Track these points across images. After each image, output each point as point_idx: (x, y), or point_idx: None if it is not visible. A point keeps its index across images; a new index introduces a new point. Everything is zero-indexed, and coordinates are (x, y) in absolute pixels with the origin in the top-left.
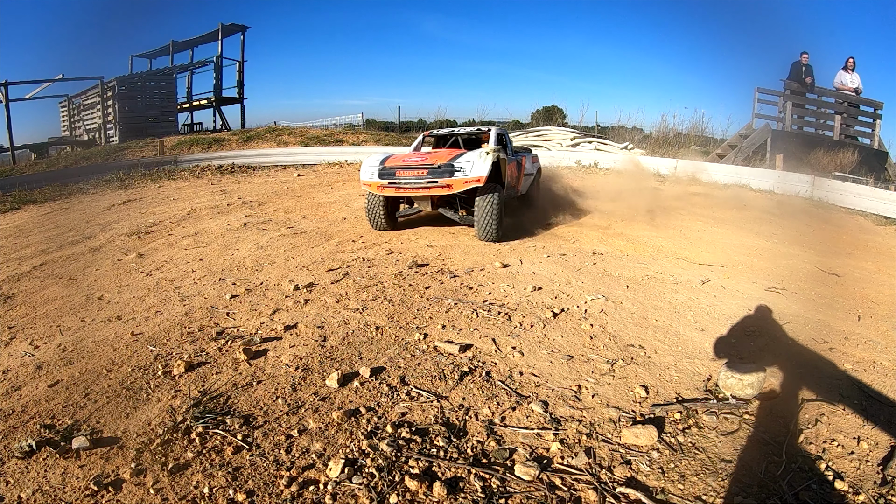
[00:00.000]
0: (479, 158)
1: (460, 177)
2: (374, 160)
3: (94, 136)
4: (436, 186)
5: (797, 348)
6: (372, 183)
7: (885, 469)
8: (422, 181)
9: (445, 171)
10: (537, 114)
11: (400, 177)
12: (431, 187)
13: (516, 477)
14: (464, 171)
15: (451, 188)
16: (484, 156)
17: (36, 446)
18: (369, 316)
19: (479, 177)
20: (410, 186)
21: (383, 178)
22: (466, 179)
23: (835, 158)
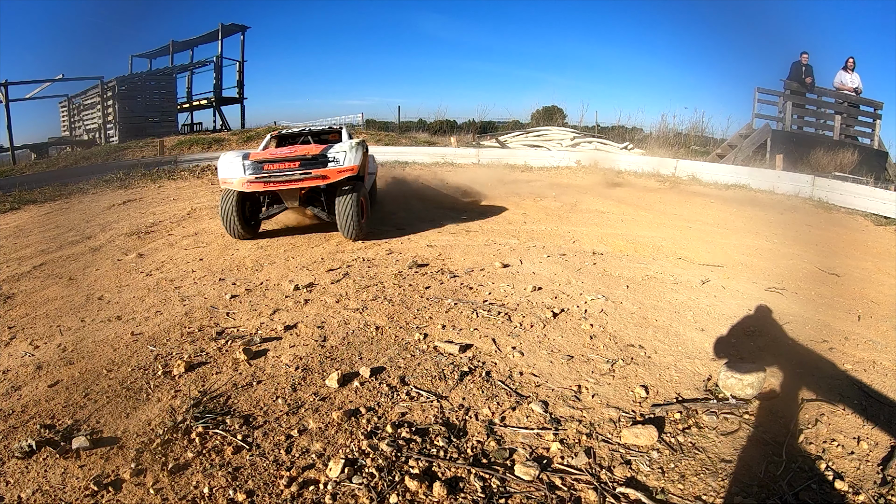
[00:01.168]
0: (350, 149)
1: (334, 167)
2: (234, 155)
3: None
4: (310, 178)
5: (797, 348)
6: (236, 179)
7: (885, 469)
8: (294, 173)
9: (319, 162)
10: (537, 114)
11: (270, 170)
12: (306, 179)
13: (516, 477)
14: (338, 161)
15: (327, 178)
16: (354, 146)
17: (36, 446)
18: (369, 316)
19: (353, 166)
20: (282, 180)
21: (250, 172)
22: (341, 169)
23: (835, 158)
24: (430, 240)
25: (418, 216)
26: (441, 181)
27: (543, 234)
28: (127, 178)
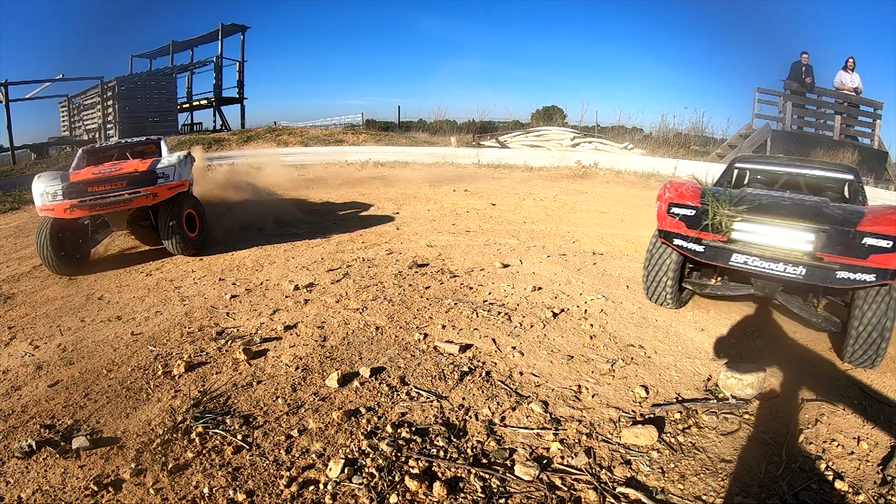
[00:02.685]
0: (178, 161)
1: (164, 183)
2: (49, 178)
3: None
4: (139, 198)
5: (797, 348)
6: (55, 206)
7: (885, 469)
8: (122, 194)
9: (148, 179)
10: (537, 114)
11: (94, 192)
12: (135, 199)
13: (516, 477)
14: (167, 176)
15: (157, 196)
16: (182, 159)
17: (36, 446)
18: (369, 316)
19: (183, 181)
20: (109, 202)
21: (71, 196)
22: (171, 185)
23: (835, 158)
24: (430, 240)
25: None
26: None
27: (543, 234)
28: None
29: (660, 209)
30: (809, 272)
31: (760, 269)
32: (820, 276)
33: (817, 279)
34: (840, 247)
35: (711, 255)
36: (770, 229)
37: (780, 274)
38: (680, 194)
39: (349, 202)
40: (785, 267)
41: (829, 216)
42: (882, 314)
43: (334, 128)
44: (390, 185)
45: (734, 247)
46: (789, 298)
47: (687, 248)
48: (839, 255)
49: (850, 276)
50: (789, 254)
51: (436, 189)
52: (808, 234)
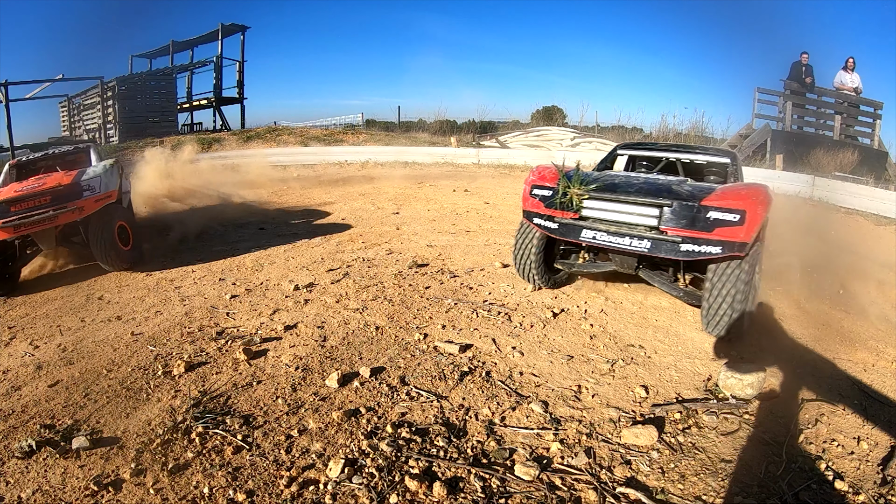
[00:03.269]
0: (104, 171)
1: (90, 196)
2: None
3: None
4: (66, 213)
5: (797, 348)
6: None
7: (885, 469)
8: (47, 211)
9: (74, 193)
10: (537, 114)
11: (17, 211)
12: (61, 215)
13: (516, 477)
14: (93, 188)
15: (84, 210)
16: (109, 168)
17: (36, 446)
18: (369, 316)
19: (110, 192)
20: (34, 221)
21: None
22: (98, 197)
23: (835, 158)
24: (430, 240)
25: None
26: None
27: None
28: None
29: (524, 191)
30: (654, 245)
31: (607, 243)
32: (664, 249)
33: (662, 252)
34: (684, 221)
35: (564, 232)
36: (617, 206)
37: (626, 247)
38: (541, 177)
39: (349, 202)
40: (631, 241)
41: (675, 193)
42: (731, 286)
43: (334, 128)
44: (390, 185)
45: (583, 223)
46: (651, 274)
47: (544, 225)
48: (683, 229)
49: (695, 248)
50: (634, 228)
51: (436, 189)
52: (653, 210)
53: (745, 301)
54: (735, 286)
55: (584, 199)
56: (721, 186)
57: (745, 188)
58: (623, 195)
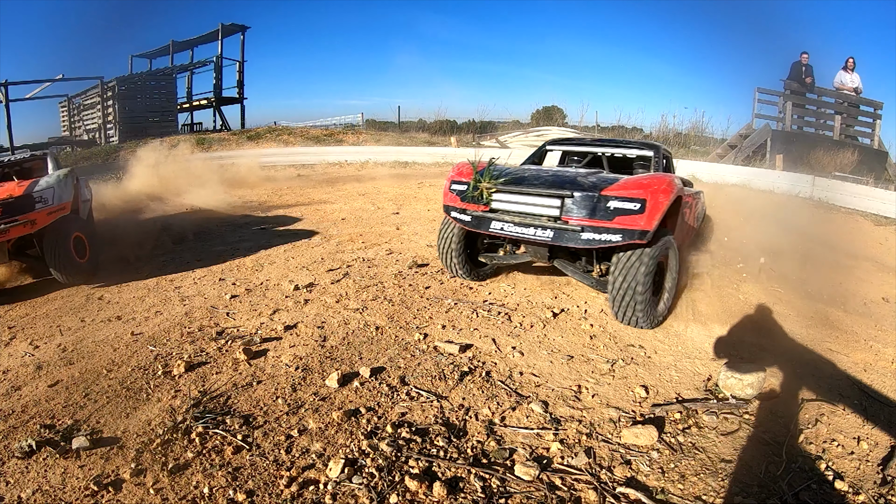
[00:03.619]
0: (57, 182)
1: (43, 208)
2: None
3: (94, 136)
4: (17, 226)
5: (797, 348)
6: None
7: (885, 469)
8: None
9: (25, 205)
10: (537, 114)
11: None
12: (12, 229)
13: (516, 477)
14: (46, 200)
15: (36, 223)
16: (63, 178)
17: (36, 446)
18: (369, 316)
19: (64, 204)
20: None
21: None
22: (51, 209)
23: (835, 158)
24: (431, 240)
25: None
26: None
27: None
28: (125, 178)
29: (445, 187)
30: (556, 235)
31: (514, 233)
32: (566, 238)
33: (563, 241)
34: (585, 210)
35: (476, 224)
36: (522, 198)
37: (531, 237)
38: (459, 172)
39: (349, 202)
40: (535, 231)
41: (578, 184)
42: (631, 275)
43: (334, 128)
44: (390, 184)
45: (493, 215)
46: (565, 263)
47: (460, 218)
48: (584, 218)
49: (596, 236)
50: (538, 219)
51: (436, 189)
52: (555, 201)
53: (649, 290)
54: (636, 275)
55: (493, 192)
56: (630, 177)
57: (649, 178)
58: (528, 188)
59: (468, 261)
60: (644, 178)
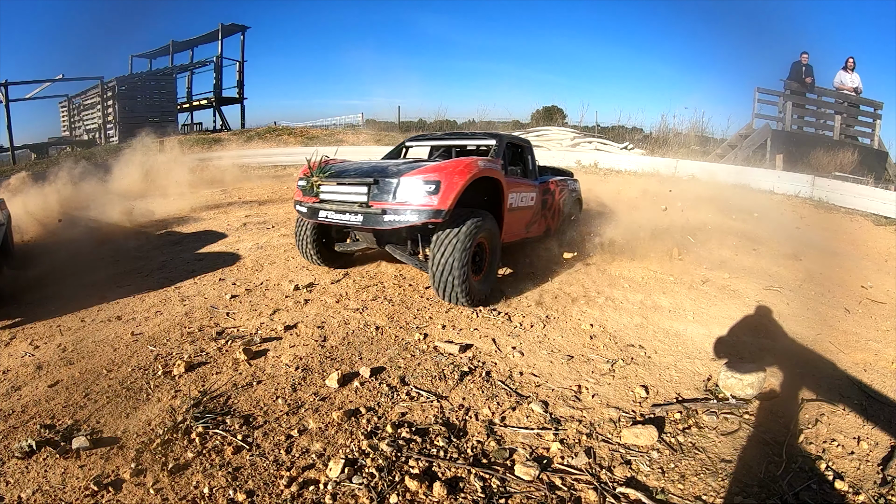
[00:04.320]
0: None
1: None
2: None
3: (94, 136)
4: None
5: (797, 348)
6: None
7: (885, 469)
8: None
9: None
10: (537, 114)
11: None
12: None
13: (516, 477)
14: None
15: None
16: None
17: (36, 446)
18: (369, 316)
19: None
20: None
21: None
22: None
23: (835, 158)
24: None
25: None
26: None
27: None
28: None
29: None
30: (365, 219)
31: (335, 220)
32: (372, 221)
33: (371, 224)
34: (387, 195)
35: (310, 214)
36: (340, 188)
37: (347, 222)
38: (304, 170)
39: None
40: (350, 217)
41: (385, 172)
42: (449, 252)
43: (335, 128)
44: None
45: (320, 206)
46: (394, 248)
47: (300, 210)
48: (385, 202)
49: (396, 218)
50: (352, 206)
51: None
52: (362, 188)
53: (466, 266)
54: (452, 252)
55: (320, 185)
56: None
57: (448, 162)
58: (344, 178)
59: (323, 249)
60: (443, 162)
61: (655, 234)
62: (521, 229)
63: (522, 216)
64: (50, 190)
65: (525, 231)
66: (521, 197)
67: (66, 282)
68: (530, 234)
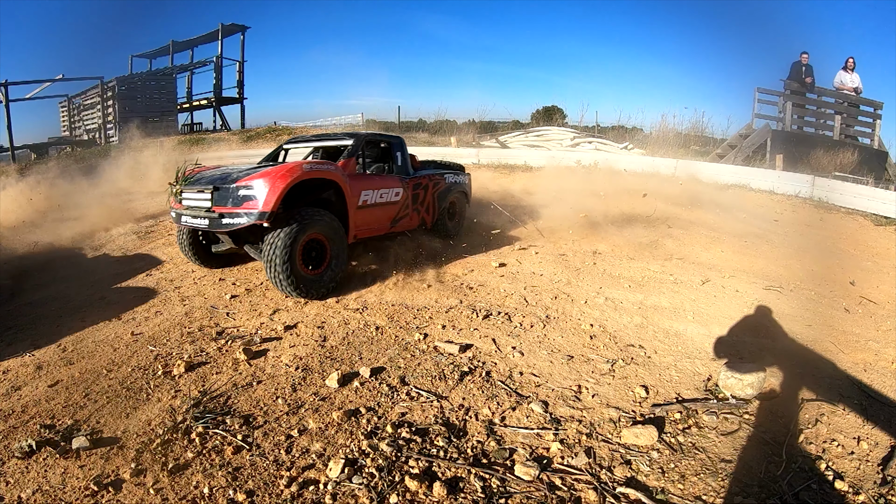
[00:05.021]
0: None
1: None
2: None
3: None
4: None
5: (797, 348)
6: None
7: (885, 469)
8: None
9: None
10: (537, 114)
11: None
12: None
13: (516, 477)
14: None
15: None
16: None
17: (36, 446)
18: (369, 316)
19: None
20: None
21: None
22: None
23: (835, 158)
24: (429, 238)
25: None
26: None
27: (543, 233)
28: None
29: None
30: (210, 222)
31: (189, 223)
32: (215, 224)
33: (214, 227)
34: (223, 200)
35: (176, 219)
36: (194, 195)
37: (198, 225)
38: (176, 178)
39: None
40: (200, 221)
41: (225, 179)
42: (273, 250)
43: (334, 128)
44: None
45: (182, 210)
46: (250, 248)
47: (172, 215)
48: (222, 206)
49: (231, 220)
50: (200, 210)
51: None
52: (207, 195)
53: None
54: (276, 250)
55: (181, 192)
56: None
57: (274, 167)
58: (194, 186)
59: (200, 251)
60: (271, 168)
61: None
62: (383, 224)
63: (384, 211)
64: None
65: (390, 225)
66: (381, 193)
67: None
68: (398, 227)
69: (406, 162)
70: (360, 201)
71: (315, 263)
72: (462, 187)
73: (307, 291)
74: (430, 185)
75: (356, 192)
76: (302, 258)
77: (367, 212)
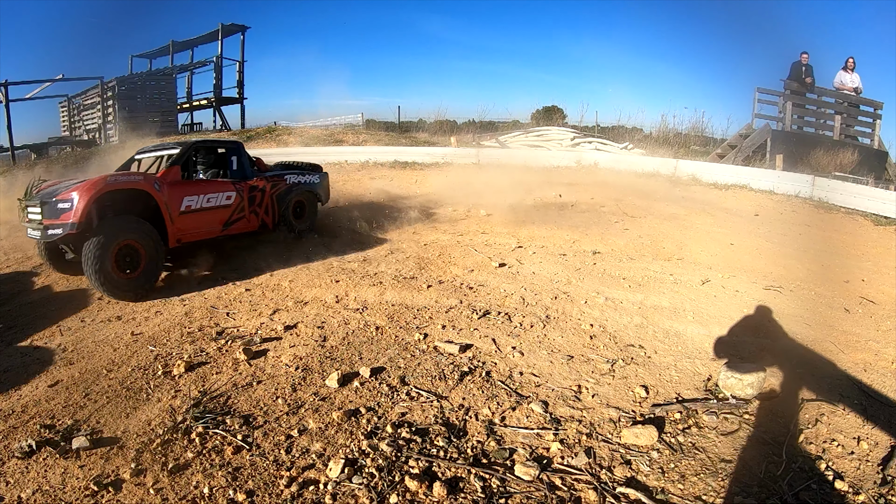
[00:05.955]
0: None
1: None
2: None
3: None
4: None
5: (797, 348)
6: None
7: (885, 469)
8: None
9: None
10: (537, 114)
11: None
12: None
13: (516, 477)
14: None
15: None
16: None
17: (36, 446)
18: (369, 316)
19: None
20: None
21: None
22: None
23: (835, 158)
24: (430, 239)
25: None
26: None
27: (542, 234)
28: None
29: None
30: (41, 234)
31: (31, 236)
32: (45, 236)
33: (43, 238)
34: (49, 213)
35: (27, 233)
36: (32, 209)
37: (36, 238)
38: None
39: (348, 202)
40: (37, 233)
41: (51, 195)
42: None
43: (334, 128)
44: (389, 184)
45: (28, 225)
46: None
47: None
48: (48, 219)
49: (54, 231)
50: (38, 224)
51: (434, 190)
52: (38, 209)
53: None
54: (88, 256)
55: (26, 207)
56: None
57: (84, 182)
58: (34, 200)
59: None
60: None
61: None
62: (213, 227)
63: (214, 215)
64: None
65: (222, 228)
66: (208, 198)
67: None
68: (233, 230)
69: (244, 166)
70: (182, 207)
71: (132, 267)
72: (310, 187)
73: (123, 293)
74: (269, 187)
75: (177, 198)
76: (117, 263)
77: (192, 217)
